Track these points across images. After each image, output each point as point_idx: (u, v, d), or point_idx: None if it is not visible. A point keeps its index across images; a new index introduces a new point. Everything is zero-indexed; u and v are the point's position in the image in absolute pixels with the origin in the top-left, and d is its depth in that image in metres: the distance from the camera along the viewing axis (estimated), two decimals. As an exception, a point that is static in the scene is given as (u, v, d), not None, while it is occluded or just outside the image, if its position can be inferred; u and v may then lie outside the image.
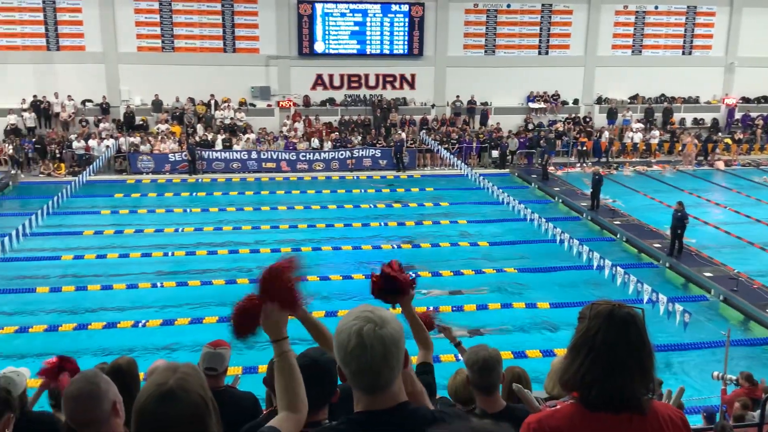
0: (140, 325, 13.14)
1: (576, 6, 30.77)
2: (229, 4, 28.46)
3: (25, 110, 26.97)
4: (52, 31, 27.39)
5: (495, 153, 28.02)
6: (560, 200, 23.18)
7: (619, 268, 15.02)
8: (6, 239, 16.58)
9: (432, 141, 27.94)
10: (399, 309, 3.50)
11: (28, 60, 27.05)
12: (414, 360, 3.33)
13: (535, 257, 17.28)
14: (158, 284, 15.20)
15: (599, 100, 31.56)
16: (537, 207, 21.23)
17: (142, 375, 4.38)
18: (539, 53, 31.05)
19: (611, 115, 31.00)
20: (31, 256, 16.85)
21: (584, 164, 28.24)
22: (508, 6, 30.54)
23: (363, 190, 24.31)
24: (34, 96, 27.08)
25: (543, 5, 30.69)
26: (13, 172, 24.82)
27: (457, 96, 30.35)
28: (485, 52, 30.69)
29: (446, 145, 27.58)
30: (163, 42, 28.30)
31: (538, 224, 18.69)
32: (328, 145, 27.50)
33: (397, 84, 30.26)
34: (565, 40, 31.10)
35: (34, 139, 26.16)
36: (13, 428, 3.53)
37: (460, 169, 25.44)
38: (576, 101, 31.50)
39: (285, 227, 19.66)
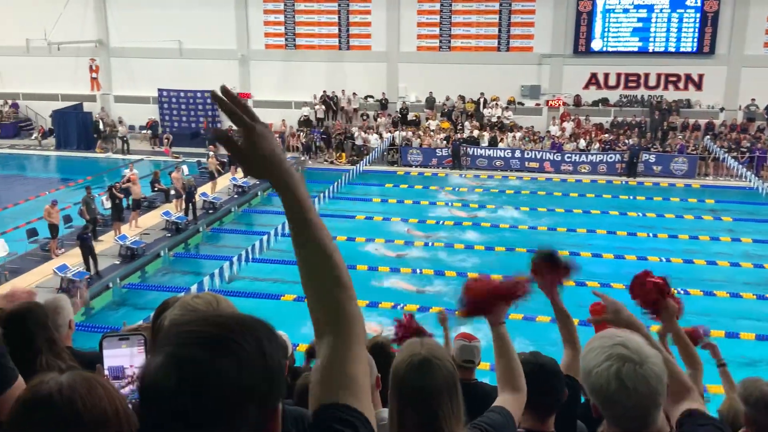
0: (398, 307, 13.89)
1: None
2: (507, 3, 28.61)
3: (316, 103, 30.09)
4: (344, 32, 30.12)
5: (795, 165, 24.38)
6: None
7: None
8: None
9: (717, 148, 25.21)
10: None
11: (322, 58, 30.11)
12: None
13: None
14: (417, 270, 15.98)
15: None
16: None
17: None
18: None
19: None
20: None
21: None
22: (829, -4, 26.32)
23: (631, 197, 22.81)
24: (324, 91, 30.05)
25: None
26: (302, 158, 27.87)
27: (753, 99, 26.97)
28: (793, 49, 26.84)
29: (735, 154, 24.69)
30: (440, 42, 29.46)
31: None
32: (596, 147, 26.33)
33: (681, 84, 27.85)
34: None
35: (321, 130, 29.07)
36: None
37: (750, 181, 22.60)
38: None
39: (543, 228, 19.28)
